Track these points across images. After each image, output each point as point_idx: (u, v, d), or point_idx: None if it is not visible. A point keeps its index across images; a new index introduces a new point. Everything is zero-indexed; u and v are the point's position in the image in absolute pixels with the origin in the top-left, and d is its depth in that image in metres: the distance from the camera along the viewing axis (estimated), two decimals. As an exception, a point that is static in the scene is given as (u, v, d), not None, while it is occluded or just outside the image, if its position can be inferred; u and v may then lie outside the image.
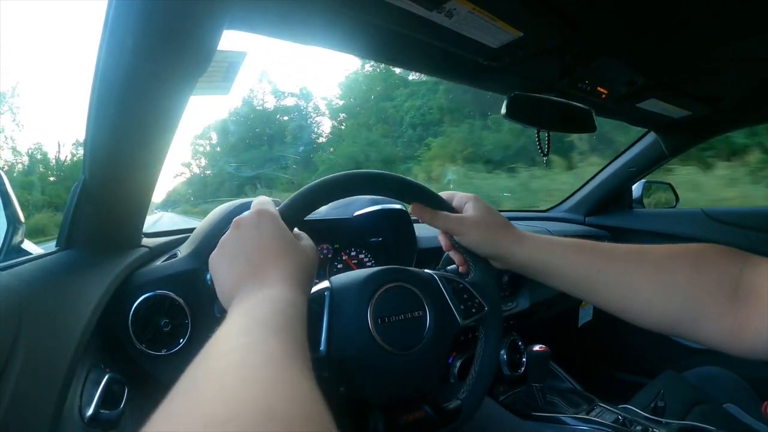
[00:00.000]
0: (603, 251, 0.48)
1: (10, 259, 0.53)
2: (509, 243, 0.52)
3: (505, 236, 0.53)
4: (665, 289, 0.43)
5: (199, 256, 0.71)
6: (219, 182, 20.61)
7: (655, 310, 0.44)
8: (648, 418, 0.89)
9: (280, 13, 0.53)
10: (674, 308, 0.43)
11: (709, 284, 0.42)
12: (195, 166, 25.69)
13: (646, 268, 0.45)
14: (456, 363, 0.99)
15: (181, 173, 26.04)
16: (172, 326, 0.64)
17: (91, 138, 0.53)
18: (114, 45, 0.42)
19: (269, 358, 0.26)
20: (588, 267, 0.48)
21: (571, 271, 0.49)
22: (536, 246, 0.52)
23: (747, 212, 1.42)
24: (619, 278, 0.46)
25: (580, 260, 0.48)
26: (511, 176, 6.53)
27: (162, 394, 0.23)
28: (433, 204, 0.56)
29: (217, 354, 0.27)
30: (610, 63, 0.76)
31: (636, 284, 0.45)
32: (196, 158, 25.34)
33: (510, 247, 0.52)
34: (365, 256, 0.97)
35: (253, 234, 0.42)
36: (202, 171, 24.87)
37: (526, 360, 1.08)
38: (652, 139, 1.36)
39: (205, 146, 24.81)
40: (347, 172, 0.50)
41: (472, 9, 0.52)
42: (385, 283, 0.51)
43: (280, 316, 0.32)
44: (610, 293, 0.47)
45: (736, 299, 0.40)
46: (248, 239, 0.41)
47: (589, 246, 0.49)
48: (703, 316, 0.41)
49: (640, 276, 0.45)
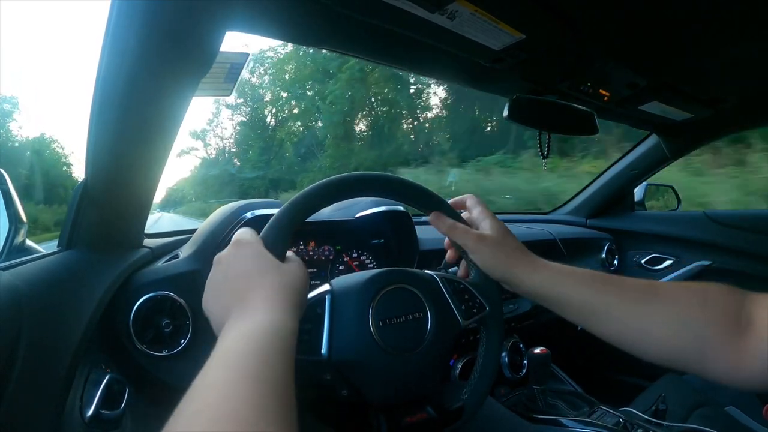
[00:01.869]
0: (614, 284, 0.48)
1: (12, 259, 0.53)
2: (523, 269, 0.51)
3: (520, 262, 0.52)
4: (676, 324, 0.43)
5: (200, 257, 0.71)
6: (220, 183, 20.66)
7: (666, 346, 0.44)
8: (649, 421, 0.89)
9: (281, 15, 0.53)
10: (683, 343, 0.43)
11: (715, 319, 0.42)
12: (195, 166, 25.78)
13: (657, 303, 0.45)
14: (457, 365, 0.99)
15: (182, 173, 26.08)
16: (173, 327, 0.64)
17: (93, 138, 0.53)
18: (116, 46, 0.42)
19: (239, 404, 0.27)
20: (600, 300, 0.47)
21: (583, 303, 0.48)
22: (549, 275, 0.50)
23: (749, 215, 1.42)
24: (631, 313, 0.46)
25: (591, 292, 0.48)
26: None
27: (163, 394, 0.23)
28: (431, 205, 0.55)
29: (197, 390, 0.29)
30: (612, 65, 0.76)
31: (647, 319, 0.45)
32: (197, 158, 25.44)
33: (523, 274, 0.51)
34: (367, 258, 0.97)
35: (232, 264, 0.42)
36: (202, 171, 24.92)
37: (527, 362, 1.08)
38: (653, 141, 1.36)
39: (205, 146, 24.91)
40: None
41: (474, 11, 0.52)
42: (387, 285, 0.51)
43: (258, 352, 0.32)
44: (622, 328, 0.46)
45: (738, 332, 0.41)
46: (228, 270, 0.42)
47: (600, 278, 0.49)
48: (708, 351, 0.42)
49: (652, 311, 0.45)
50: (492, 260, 0.52)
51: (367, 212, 0.91)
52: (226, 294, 0.40)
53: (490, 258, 0.52)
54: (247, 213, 0.75)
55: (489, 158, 7.68)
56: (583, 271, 0.50)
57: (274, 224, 0.46)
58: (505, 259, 0.52)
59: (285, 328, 0.36)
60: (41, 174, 13.28)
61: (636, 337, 0.46)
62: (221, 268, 0.43)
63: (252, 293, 0.39)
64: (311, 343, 0.48)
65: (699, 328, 0.42)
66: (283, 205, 0.48)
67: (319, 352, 0.47)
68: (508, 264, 0.52)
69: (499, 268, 0.52)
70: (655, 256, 1.55)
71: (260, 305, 0.37)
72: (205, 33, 0.43)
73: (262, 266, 0.41)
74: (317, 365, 0.47)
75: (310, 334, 0.48)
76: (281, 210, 0.48)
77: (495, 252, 0.52)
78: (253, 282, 0.40)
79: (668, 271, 1.51)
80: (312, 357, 0.47)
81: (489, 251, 0.52)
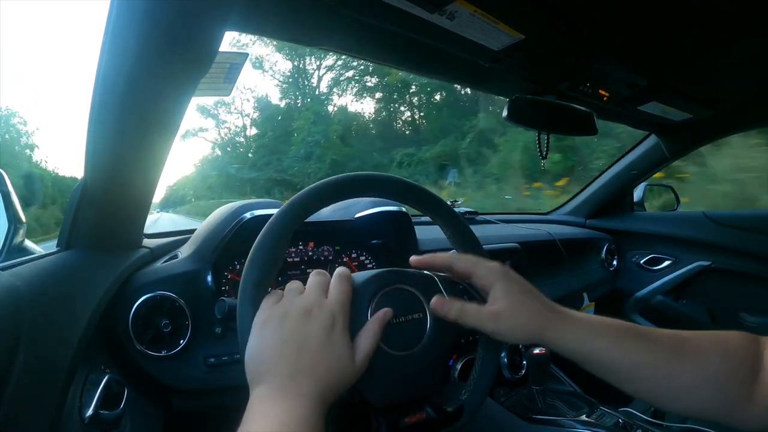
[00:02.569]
0: (643, 341, 0.46)
1: (11, 259, 0.53)
2: (552, 333, 0.47)
3: (545, 325, 0.47)
4: (701, 382, 0.44)
5: (200, 257, 0.71)
6: (220, 183, 20.62)
7: (691, 402, 0.45)
8: (648, 422, 0.89)
9: (281, 15, 0.53)
10: (708, 397, 0.44)
11: (736, 369, 0.43)
12: (195, 166, 25.77)
13: (684, 362, 0.45)
14: (456, 365, 0.99)
15: (181, 173, 26.12)
16: (172, 327, 0.64)
17: (92, 138, 0.53)
18: (116, 46, 0.42)
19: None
20: (629, 361, 0.46)
21: (611, 362, 0.47)
22: (578, 333, 0.47)
23: (748, 215, 1.42)
24: (659, 373, 0.45)
25: (621, 352, 0.46)
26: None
27: (162, 394, 0.23)
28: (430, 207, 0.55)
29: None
30: (612, 65, 0.76)
31: (675, 380, 0.45)
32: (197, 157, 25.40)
33: (552, 337, 0.47)
34: (366, 258, 0.97)
35: (299, 330, 0.40)
36: (203, 171, 24.90)
37: (526, 362, 1.08)
38: (653, 142, 1.36)
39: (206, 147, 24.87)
40: None
41: (473, 11, 0.52)
42: (386, 285, 0.51)
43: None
44: (650, 387, 0.46)
45: (754, 379, 0.42)
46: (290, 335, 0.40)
47: (631, 334, 0.47)
48: (729, 401, 0.43)
49: (680, 370, 0.45)
50: (516, 335, 0.48)
51: (367, 212, 0.91)
52: (280, 358, 0.38)
53: (512, 333, 0.48)
54: (246, 213, 0.75)
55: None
56: (612, 323, 0.48)
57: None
58: (529, 327, 0.47)
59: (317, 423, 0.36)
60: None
61: (663, 395, 0.46)
62: (285, 324, 0.40)
63: (305, 372, 0.38)
64: None
65: (722, 381, 0.43)
66: None
67: None
68: (533, 332, 0.47)
69: (527, 336, 0.48)
70: (654, 256, 1.55)
71: (305, 390, 0.37)
72: (205, 33, 0.43)
73: (329, 347, 0.40)
74: None
75: None
76: None
77: (516, 325, 0.47)
78: (312, 359, 0.38)
79: (667, 271, 1.51)
80: None
81: (509, 327, 0.47)
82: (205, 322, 0.67)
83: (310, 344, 0.39)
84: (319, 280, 0.46)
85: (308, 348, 0.39)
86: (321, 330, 0.40)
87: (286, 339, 0.39)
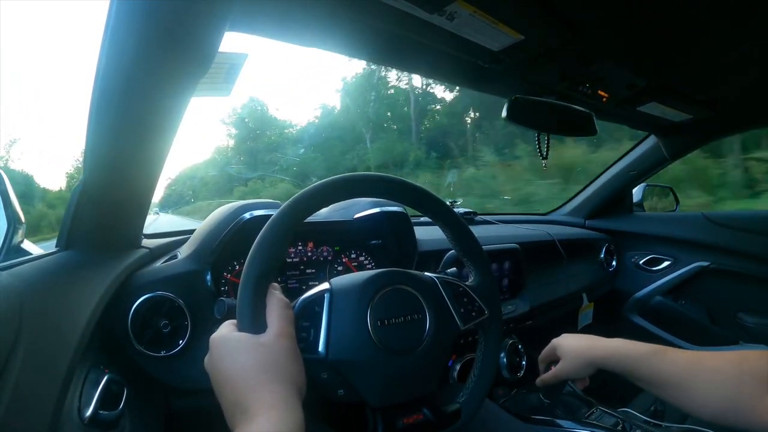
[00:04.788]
0: (669, 357, 0.60)
1: (11, 259, 0.53)
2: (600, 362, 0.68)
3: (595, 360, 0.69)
4: (714, 392, 0.54)
5: (199, 258, 0.71)
6: (220, 184, 20.56)
7: (707, 407, 0.55)
8: (647, 422, 0.89)
9: (281, 16, 0.53)
10: (721, 404, 0.53)
11: (748, 382, 0.52)
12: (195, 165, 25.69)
13: (701, 374, 0.56)
14: (456, 366, 0.99)
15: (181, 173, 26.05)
16: (171, 327, 0.64)
17: (91, 139, 0.53)
18: (115, 45, 0.42)
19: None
20: (657, 373, 0.60)
21: (642, 375, 0.62)
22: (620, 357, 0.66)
23: (747, 215, 1.43)
24: (682, 382, 0.58)
25: (651, 366, 0.61)
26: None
27: (161, 395, 0.23)
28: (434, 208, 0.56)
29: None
30: (611, 66, 0.76)
31: (694, 390, 0.56)
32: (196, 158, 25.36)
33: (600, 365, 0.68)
34: (365, 259, 0.97)
35: (220, 369, 0.42)
36: (202, 171, 24.82)
37: (525, 363, 1.08)
38: (652, 142, 1.37)
39: (206, 147, 24.74)
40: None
41: (473, 12, 0.52)
42: (385, 285, 0.51)
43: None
44: (674, 393, 0.59)
45: (766, 390, 0.50)
46: (218, 376, 0.42)
47: (659, 354, 0.61)
48: (741, 409, 0.51)
49: (699, 381, 0.56)
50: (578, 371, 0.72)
51: (366, 213, 0.91)
52: (227, 397, 0.41)
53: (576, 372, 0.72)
54: (245, 213, 0.75)
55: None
56: (647, 348, 0.64)
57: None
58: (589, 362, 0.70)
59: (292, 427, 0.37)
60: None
61: (683, 401, 0.57)
62: (213, 375, 0.43)
63: (248, 398, 0.39)
64: (308, 342, 0.48)
65: (734, 391, 0.52)
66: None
67: (316, 351, 0.47)
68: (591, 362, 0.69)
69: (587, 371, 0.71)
70: (653, 256, 1.55)
71: (260, 411, 0.37)
72: (204, 33, 0.43)
73: (244, 362, 0.41)
74: (314, 364, 0.47)
75: (308, 332, 0.48)
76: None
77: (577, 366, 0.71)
78: (244, 385, 0.40)
79: (666, 272, 1.51)
80: (309, 355, 0.47)
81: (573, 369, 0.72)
82: (204, 322, 0.67)
83: (228, 375, 0.42)
84: None
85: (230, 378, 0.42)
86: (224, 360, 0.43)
87: (218, 383, 0.43)
